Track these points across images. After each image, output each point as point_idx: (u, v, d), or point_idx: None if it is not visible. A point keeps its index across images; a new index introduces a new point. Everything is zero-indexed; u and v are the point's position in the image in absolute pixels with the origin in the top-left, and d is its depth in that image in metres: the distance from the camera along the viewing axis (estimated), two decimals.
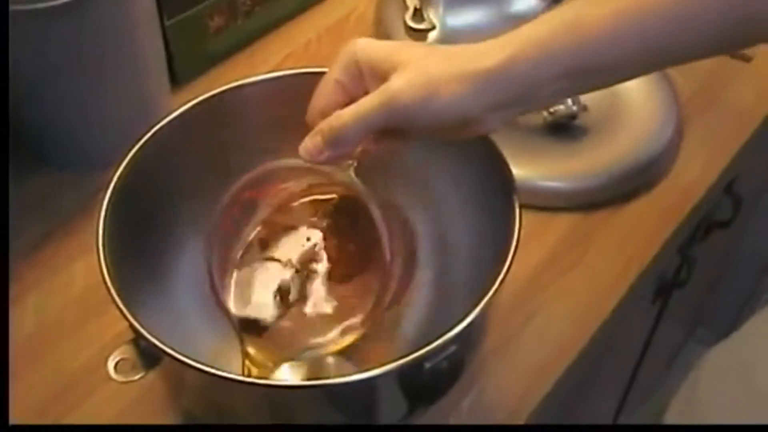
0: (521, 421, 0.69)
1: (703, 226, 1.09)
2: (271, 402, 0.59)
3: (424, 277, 0.72)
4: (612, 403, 1.37)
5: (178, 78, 0.91)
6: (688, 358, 1.73)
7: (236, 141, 0.70)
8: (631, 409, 1.39)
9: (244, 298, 0.66)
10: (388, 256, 0.64)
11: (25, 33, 0.73)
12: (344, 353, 0.66)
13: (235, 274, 0.67)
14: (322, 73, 0.60)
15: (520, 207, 0.60)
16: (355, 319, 0.65)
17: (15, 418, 0.67)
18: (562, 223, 0.82)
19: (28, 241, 0.79)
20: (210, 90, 0.68)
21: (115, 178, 0.62)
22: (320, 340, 0.65)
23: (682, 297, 1.20)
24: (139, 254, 0.65)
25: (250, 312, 0.65)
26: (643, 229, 0.82)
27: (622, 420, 1.39)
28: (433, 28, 0.93)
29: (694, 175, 0.87)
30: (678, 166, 0.87)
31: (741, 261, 1.56)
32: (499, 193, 0.62)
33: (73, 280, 0.77)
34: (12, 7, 0.70)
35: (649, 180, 0.85)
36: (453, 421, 0.68)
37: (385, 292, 0.65)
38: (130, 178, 0.63)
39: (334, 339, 0.65)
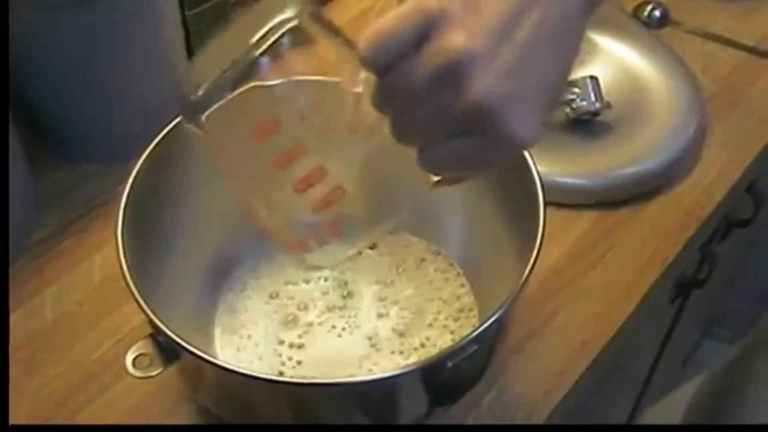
0: (541, 420, 0.68)
1: (724, 225, 1.08)
2: (291, 399, 0.58)
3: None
4: (628, 401, 1.36)
5: None
6: (703, 357, 1.72)
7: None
8: (646, 408, 1.38)
9: None
10: None
11: (47, 25, 0.73)
12: None
13: None
14: None
15: (545, 206, 0.59)
16: None
17: (33, 410, 0.68)
18: (584, 220, 0.81)
19: (48, 234, 0.79)
20: None
21: (134, 172, 0.62)
22: None
23: (700, 296, 1.19)
24: (158, 248, 0.65)
25: None
26: (665, 228, 0.82)
27: (637, 419, 1.39)
28: None
29: (716, 174, 0.86)
30: (701, 165, 0.87)
31: (759, 259, 1.55)
32: (523, 190, 0.61)
33: (92, 273, 0.76)
34: None
35: (671, 178, 0.85)
36: (473, 419, 0.67)
37: None
38: (150, 171, 0.63)
39: None
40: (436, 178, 0.55)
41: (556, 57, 0.46)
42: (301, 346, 0.68)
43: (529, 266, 0.56)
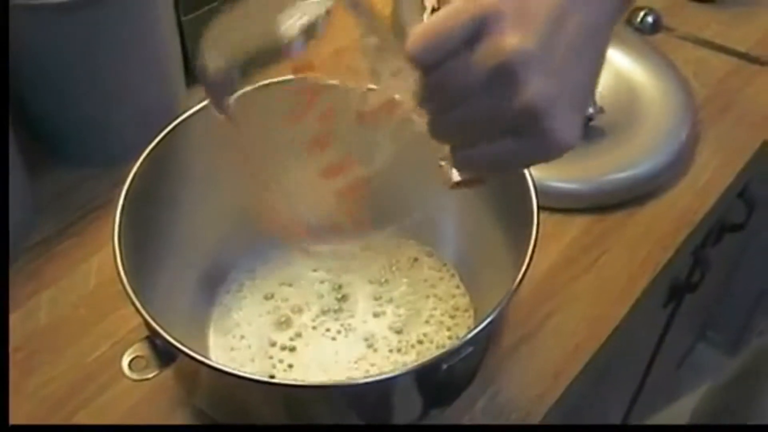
0: (536, 422, 0.69)
1: (716, 229, 1.09)
2: (287, 401, 0.59)
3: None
4: (622, 404, 1.36)
5: (193, 74, 0.91)
6: (696, 361, 1.73)
7: (255, 138, 0.70)
8: (641, 410, 1.38)
9: None
10: None
11: (43, 28, 0.73)
12: None
13: None
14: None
15: (539, 210, 0.60)
16: None
17: (30, 412, 0.68)
18: (578, 224, 0.82)
19: (44, 237, 0.79)
20: None
21: (131, 175, 0.63)
22: None
23: (693, 300, 1.19)
24: (155, 250, 0.65)
25: None
26: (658, 232, 0.82)
27: (632, 421, 1.39)
28: None
29: (708, 179, 0.87)
30: (693, 169, 0.87)
31: (752, 264, 1.55)
32: (517, 195, 0.62)
33: (88, 276, 0.77)
34: (30, 2, 0.70)
35: (664, 183, 0.85)
36: (468, 421, 0.68)
37: None
38: (146, 174, 0.63)
39: None
40: (456, 179, 0.54)
41: (592, 60, 0.47)
42: (293, 349, 0.69)
43: (523, 269, 0.56)
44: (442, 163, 0.54)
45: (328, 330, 0.70)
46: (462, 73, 0.45)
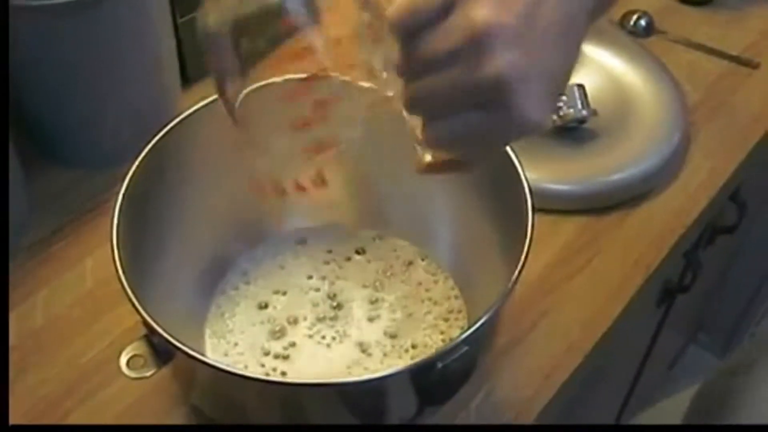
0: (529, 421, 0.69)
1: (708, 231, 1.09)
2: (282, 399, 0.59)
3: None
4: (614, 404, 1.37)
5: (188, 76, 0.91)
6: (689, 361, 1.74)
7: (251, 139, 0.70)
8: (633, 410, 1.39)
9: None
10: None
11: (40, 29, 0.74)
12: None
13: None
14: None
15: (534, 211, 0.60)
16: None
17: (26, 411, 0.68)
18: (570, 226, 0.82)
19: (39, 238, 0.80)
20: None
21: (129, 174, 0.63)
22: None
23: (685, 302, 1.20)
24: (151, 252, 0.65)
25: None
26: (651, 234, 0.83)
27: (624, 421, 1.40)
28: None
29: (701, 181, 0.88)
30: (685, 172, 0.88)
31: (743, 267, 1.56)
32: (512, 196, 0.62)
33: (83, 276, 0.77)
34: (27, 3, 0.70)
35: (656, 185, 0.86)
36: (461, 420, 0.68)
37: None
38: (144, 175, 0.63)
39: None
40: (428, 159, 0.54)
41: (566, 50, 0.47)
42: (286, 357, 0.69)
43: (518, 270, 0.57)
44: (417, 146, 0.54)
45: (323, 338, 0.70)
46: (435, 40, 0.46)
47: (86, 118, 0.82)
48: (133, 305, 0.56)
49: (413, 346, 0.69)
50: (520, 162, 0.63)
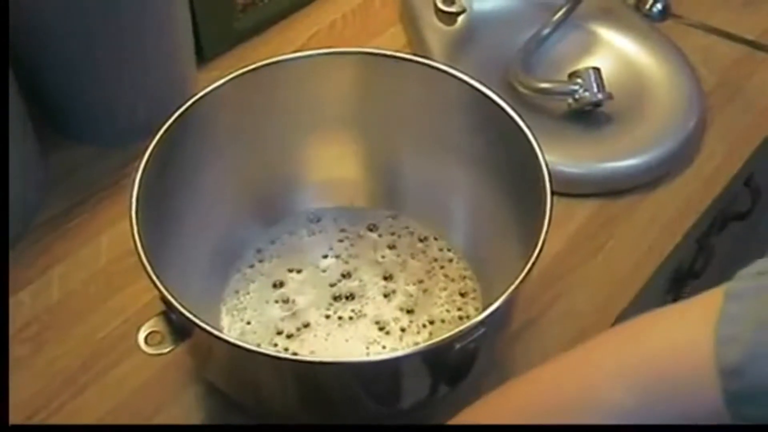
0: None
1: (721, 217, 1.09)
2: (297, 376, 0.59)
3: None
4: None
5: (204, 54, 0.91)
6: None
7: (267, 117, 0.71)
8: None
9: None
10: None
11: (56, 5, 0.73)
12: None
13: None
14: (353, 53, 0.59)
15: (552, 195, 0.60)
16: None
17: (42, 387, 0.68)
18: (584, 209, 0.82)
19: (55, 214, 0.80)
20: (235, 67, 0.68)
21: (148, 152, 0.62)
22: None
23: (696, 287, 1.20)
24: (168, 230, 0.65)
25: None
26: (665, 219, 0.83)
27: None
28: (464, 11, 0.93)
29: (715, 166, 0.87)
30: (700, 157, 0.88)
31: (754, 254, 1.56)
32: (529, 179, 0.62)
33: (98, 253, 0.77)
34: None
35: (671, 169, 0.86)
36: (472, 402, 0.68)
37: None
38: (162, 152, 0.63)
39: None
40: None
41: None
42: (299, 337, 0.69)
43: (536, 252, 0.57)
44: None
45: (340, 318, 0.70)
46: None
47: (102, 95, 0.82)
48: (152, 281, 0.56)
49: (430, 322, 0.69)
50: (539, 144, 0.63)
